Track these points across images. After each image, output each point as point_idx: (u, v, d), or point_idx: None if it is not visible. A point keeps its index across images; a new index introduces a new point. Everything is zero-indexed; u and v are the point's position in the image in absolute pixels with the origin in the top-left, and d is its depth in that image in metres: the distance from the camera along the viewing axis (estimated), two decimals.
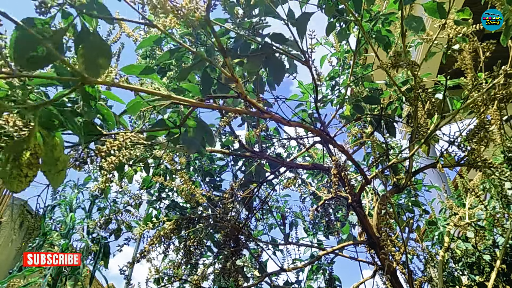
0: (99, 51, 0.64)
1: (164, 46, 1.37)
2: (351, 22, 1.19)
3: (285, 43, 1.04)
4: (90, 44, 0.64)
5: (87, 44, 0.64)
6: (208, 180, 1.99)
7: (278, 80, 1.10)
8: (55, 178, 0.58)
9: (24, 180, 0.50)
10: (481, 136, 1.04)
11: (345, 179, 1.23)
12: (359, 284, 1.45)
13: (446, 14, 0.98)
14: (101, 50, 0.65)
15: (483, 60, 1.16)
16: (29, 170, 0.51)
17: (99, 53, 0.64)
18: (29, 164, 0.51)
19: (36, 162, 0.51)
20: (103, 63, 0.64)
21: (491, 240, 1.74)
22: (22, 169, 0.50)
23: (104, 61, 0.65)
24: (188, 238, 1.76)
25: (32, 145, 0.52)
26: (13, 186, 0.50)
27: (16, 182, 0.50)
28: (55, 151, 0.57)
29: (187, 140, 0.98)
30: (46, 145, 0.56)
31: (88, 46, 0.64)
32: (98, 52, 0.64)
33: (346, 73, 1.59)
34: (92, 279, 2.23)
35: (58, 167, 0.58)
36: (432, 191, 2.32)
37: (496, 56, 1.13)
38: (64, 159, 0.59)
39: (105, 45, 0.65)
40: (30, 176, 0.51)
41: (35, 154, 0.51)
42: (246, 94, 0.89)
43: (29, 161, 0.51)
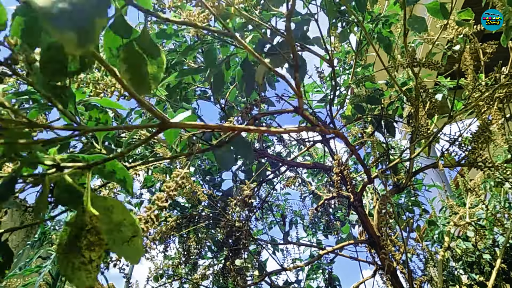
0: (149, 54, 0.45)
1: (166, 44, 1.37)
2: (353, 23, 1.20)
3: (308, 40, 1.00)
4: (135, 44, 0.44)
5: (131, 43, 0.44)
6: (208, 179, 1.99)
7: (301, 80, 1.06)
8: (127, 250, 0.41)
9: (91, 267, 0.36)
10: (485, 137, 1.05)
11: (347, 178, 1.23)
12: (359, 283, 1.46)
13: (448, 15, 0.99)
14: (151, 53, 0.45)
15: (484, 61, 1.16)
16: (92, 252, 0.37)
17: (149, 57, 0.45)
18: (89, 245, 0.36)
19: (97, 239, 0.37)
20: (155, 73, 0.45)
21: (491, 239, 1.75)
22: (83, 255, 0.36)
23: (156, 71, 0.45)
24: (188, 237, 1.76)
25: (88, 219, 0.37)
26: (82, 279, 0.36)
27: (83, 273, 0.36)
28: (113, 215, 0.40)
29: (221, 158, 0.85)
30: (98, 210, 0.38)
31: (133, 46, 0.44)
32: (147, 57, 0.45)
33: (347, 73, 1.60)
34: None
35: (125, 233, 0.41)
36: (433, 190, 2.33)
37: (497, 57, 1.13)
38: (131, 221, 0.41)
39: (156, 48, 0.45)
40: (96, 259, 0.36)
41: (93, 229, 0.37)
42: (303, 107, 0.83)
43: (88, 241, 0.36)
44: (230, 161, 0.85)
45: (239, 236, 1.49)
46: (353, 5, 1.07)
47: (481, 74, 1.20)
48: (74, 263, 0.36)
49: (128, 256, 0.41)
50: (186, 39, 1.24)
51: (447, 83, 1.46)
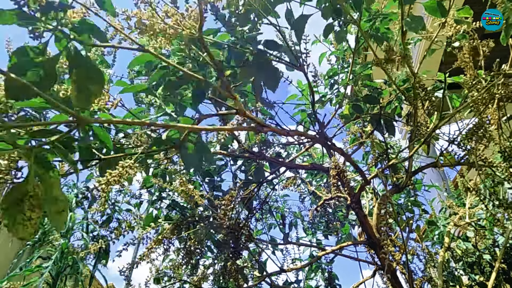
0: (91, 77, 0.62)
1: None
2: (349, 23, 1.19)
3: (278, 49, 1.04)
4: (82, 70, 0.62)
5: (79, 69, 0.61)
6: (207, 181, 1.98)
7: (273, 88, 1.10)
8: (57, 219, 0.55)
9: (29, 224, 0.49)
10: (480, 135, 1.04)
11: (344, 180, 1.23)
12: (359, 284, 1.45)
13: (446, 13, 0.98)
14: (93, 76, 0.62)
15: (483, 59, 1.16)
16: (32, 212, 0.49)
17: (91, 79, 0.61)
18: (31, 207, 0.49)
19: (38, 203, 0.49)
20: (95, 89, 0.62)
21: (491, 239, 1.74)
22: (25, 213, 0.49)
23: (96, 88, 0.62)
24: (188, 239, 1.75)
25: (31, 187, 0.50)
26: (19, 232, 0.48)
27: (21, 227, 0.48)
28: (54, 190, 0.55)
29: (186, 158, 0.96)
30: (44, 184, 0.53)
31: (80, 72, 0.61)
32: (90, 78, 0.61)
33: (345, 72, 1.59)
34: (92, 279, 2.23)
35: (59, 206, 0.55)
36: (432, 190, 2.32)
37: (496, 55, 1.13)
38: (64, 198, 0.56)
39: (98, 71, 0.62)
40: (35, 218, 0.49)
41: (36, 195, 0.49)
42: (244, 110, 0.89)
43: (30, 203, 0.49)
44: (193, 162, 0.96)
45: (239, 236, 1.48)
46: (350, 4, 1.06)
47: (480, 71, 1.19)
48: (16, 218, 0.48)
49: (58, 224, 0.56)
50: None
51: (446, 80, 1.45)
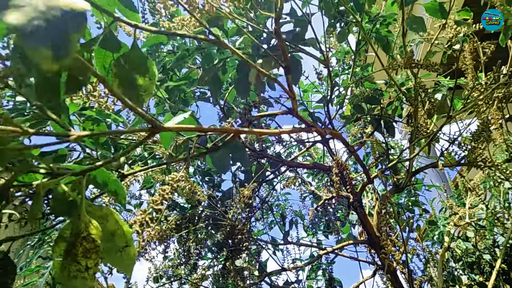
0: (139, 68, 0.46)
1: (165, 45, 1.37)
2: (351, 23, 1.19)
3: (304, 41, 0.99)
4: (126, 58, 0.46)
5: (122, 58, 0.46)
6: (207, 180, 1.99)
7: (296, 80, 1.05)
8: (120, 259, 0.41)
9: (87, 275, 0.36)
10: (485, 136, 1.05)
11: (347, 178, 1.23)
12: (359, 283, 1.46)
13: (447, 14, 0.98)
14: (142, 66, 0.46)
15: (484, 60, 1.16)
16: (88, 259, 0.37)
17: (139, 71, 0.46)
18: (85, 253, 0.37)
19: (93, 246, 0.37)
20: (146, 85, 0.46)
21: (491, 239, 1.75)
22: (80, 262, 0.37)
23: (147, 83, 0.46)
24: (188, 238, 1.76)
25: (83, 225, 0.37)
26: (78, 286, 0.37)
27: (79, 280, 0.36)
28: (108, 224, 0.41)
29: (217, 162, 0.85)
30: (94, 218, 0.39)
31: (124, 61, 0.46)
32: (138, 70, 0.46)
33: (346, 73, 1.59)
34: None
35: (117, 243, 0.41)
36: (432, 190, 2.32)
37: (496, 56, 1.13)
38: (124, 231, 0.42)
39: (146, 60, 0.47)
40: (92, 266, 0.37)
41: (89, 236, 0.37)
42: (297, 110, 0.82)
43: (84, 248, 0.37)
44: (227, 165, 0.86)
45: (239, 236, 1.48)
46: (351, 6, 1.06)
47: (481, 74, 1.20)
48: (70, 270, 0.36)
49: (121, 265, 0.42)
50: (186, 41, 1.24)
51: (446, 83, 1.46)
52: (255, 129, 0.76)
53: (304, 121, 0.88)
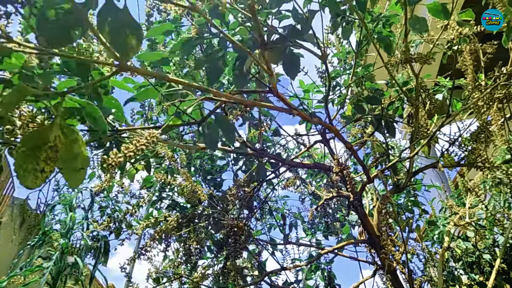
0: (129, 29, 0.54)
1: (168, 44, 1.37)
2: (354, 22, 1.20)
3: (302, 36, 1.00)
4: (118, 22, 0.53)
5: (114, 21, 0.53)
6: (208, 179, 1.99)
7: (293, 75, 1.06)
8: (74, 177, 0.51)
9: (40, 176, 0.45)
10: (484, 137, 1.05)
11: (347, 177, 1.23)
12: (359, 283, 1.46)
13: (449, 15, 0.99)
14: (131, 28, 0.54)
15: (484, 61, 1.17)
16: (46, 164, 0.45)
17: (129, 32, 0.54)
18: (47, 158, 0.45)
19: (54, 156, 0.45)
20: (133, 44, 0.54)
21: (491, 239, 1.75)
22: (38, 163, 0.45)
23: (135, 42, 0.54)
24: (188, 238, 1.76)
25: (53, 137, 0.46)
26: (27, 181, 0.45)
27: (31, 177, 0.45)
28: (75, 146, 0.50)
29: (207, 136, 0.91)
30: (65, 138, 0.48)
31: (116, 23, 0.53)
32: (128, 31, 0.54)
33: (347, 73, 1.60)
34: (92, 278, 2.23)
35: (78, 164, 0.50)
36: (432, 190, 2.33)
37: (497, 57, 1.13)
38: (85, 156, 0.51)
39: (135, 23, 0.55)
40: (47, 171, 0.45)
41: (55, 147, 0.46)
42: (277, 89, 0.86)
43: (47, 154, 0.45)
44: (215, 140, 0.92)
45: (239, 236, 1.49)
46: (354, 5, 1.07)
47: (481, 74, 1.20)
48: (28, 166, 0.45)
49: (73, 182, 0.52)
50: (188, 38, 1.24)
51: (447, 83, 1.46)
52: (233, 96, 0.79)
53: (285, 102, 0.90)
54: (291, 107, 0.91)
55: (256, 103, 0.97)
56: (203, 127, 0.91)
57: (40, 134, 0.46)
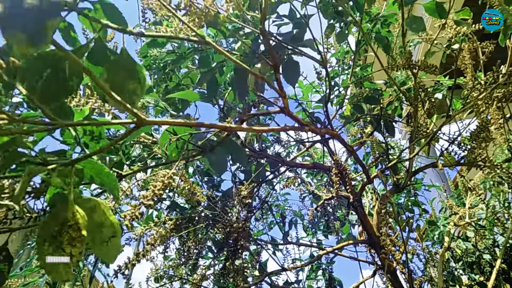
0: (129, 74, 0.48)
1: (161, 58, 1.37)
2: (350, 24, 1.19)
3: (301, 43, 0.99)
4: (115, 65, 0.48)
5: (112, 66, 0.48)
6: (207, 180, 1.99)
7: (294, 82, 1.05)
8: (106, 249, 0.43)
9: (71, 263, 0.38)
10: (483, 136, 1.05)
11: (347, 178, 1.23)
12: (359, 283, 1.46)
13: (446, 14, 0.98)
14: (131, 73, 0.48)
15: (483, 60, 1.16)
16: (73, 248, 0.38)
17: (130, 77, 0.48)
18: (70, 241, 0.38)
19: (79, 235, 0.38)
20: (136, 89, 0.49)
21: (491, 239, 1.75)
22: (64, 249, 0.38)
23: (137, 87, 0.49)
24: (188, 238, 1.76)
25: (70, 214, 0.39)
26: (61, 273, 0.38)
27: (62, 267, 0.38)
28: (95, 215, 0.42)
29: (215, 163, 0.86)
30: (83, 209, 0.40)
31: (113, 67, 0.48)
32: (128, 76, 0.48)
33: (346, 73, 1.60)
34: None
35: (105, 234, 0.43)
36: (432, 190, 2.32)
37: (495, 56, 1.13)
38: (112, 222, 0.43)
39: (134, 65, 0.49)
40: (76, 254, 0.38)
41: (75, 225, 0.38)
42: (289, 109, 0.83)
43: (70, 236, 0.38)
44: (224, 165, 0.86)
45: (238, 236, 1.49)
46: (351, 5, 1.06)
47: (480, 73, 1.20)
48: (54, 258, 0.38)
49: (106, 256, 0.44)
50: (183, 42, 1.24)
51: (446, 82, 1.46)
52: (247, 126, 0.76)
53: (297, 120, 0.89)
54: (303, 124, 0.89)
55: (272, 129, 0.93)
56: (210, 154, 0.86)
57: (54, 217, 0.39)
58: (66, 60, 0.43)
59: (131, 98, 0.49)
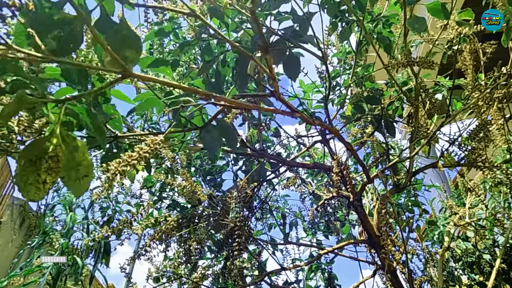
0: (127, 41, 0.54)
1: (167, 45, 1.37)
2: (353, 22, 1.20)
3: (302, 38, 1.00)
4: (115, 34, 0.54)
5: (111, 34, 0.54)
6: (208, 179, 1.99)
7: (294, 76, 1.06)
8: (77, 186, 0.49)
9: (42, 188, 0.43)
10: (483, 136, 1.05)
11: (347, 177, 1.23)
12: (359, 283, 1.46)
13: (449, 15, 0.99)
14: (129, 40, 0.54)
15: (484, 61, 1.17)
16: (48, 175, 0.43)
17: (127, 44, 0.54)
18: (48, 169, 0.43)
19: (56, 166, 0.44)
20: (131, 56, 0.54)
21: (491, 239, 1.75)
22: (40, 175, 0.43)
23: (133, 54, 0.54)
24: (188, 238, 1.76)
25: (53, 146, 0.44)
26: (30, 194, 0.43)
27: (33, 189, 0.43)
28: (77, 154, 0.48)
29: (208, 142, 0.89)
30: (66, 146, 0.46)
31: (113, 36, 0.54)
32: (126, 43, 0.54)
33: (347, 73, 1.60)
34: (92, 278, 2.23)
35: (80, 172, 0.49)
36: (432, 190, 2.33)
37: (496, 57, 1.13)
38: (88, 164, 0.49)
39: (133, 35, 0.55)
40: (49, 182, 0.43)
41: (56, 157, 0.44)
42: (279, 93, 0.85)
43: (48, 165, 0.43)
44: (216, 145, 0.90)
45: (238, 236, 1.49)
46: (353, 5, 1.07)
47: (481, 74, 1.20)
48: (29, 178, 0.43)
49: (76, 190, 0.50)
50: (186, 40, 1.24)
51: (447, 83, 1.46)
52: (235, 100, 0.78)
53: (287, 105, 0.90)
54: (293, 109, 0.91)
55: (259, 107, 0.96)
56: (203, 132, 0.89)
57: (39, 144, 0.44)
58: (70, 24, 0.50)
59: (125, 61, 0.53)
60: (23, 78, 0.49)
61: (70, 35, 0.51)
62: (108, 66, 0.54)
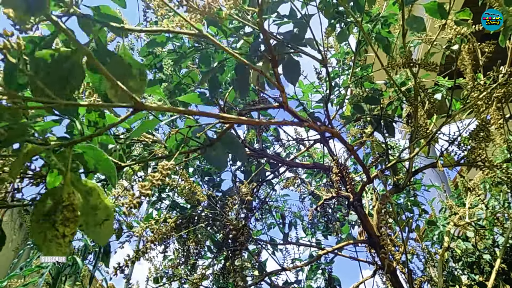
0: (129, 71, 0.50)
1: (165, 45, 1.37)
2: (351, 24, 1.19)
3: (302, 42, 0.99)
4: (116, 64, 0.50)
5: (111, 64, 0.50)
6: (207, 180, 1.99)
7: (295, 81, 1.05)
8: (98, 232, 0.44)
9: (63, 242, 0.39)
10: (483, 136, 1.05)
11: (347, 178, 1.23)
12: (359, 283, 1.46)
13: (447, 15, 0.99)
14: (133, 71, 0.51)
15: (482, 61, 1.16)
16: (66, 228, 0.40)
17: (130, 75, 0.50)
18: (64, 221, 0.40)
19: (73, 216, 0.40)
20: (136, 86, 0.50)
21: (491, 239, 1.75)
22: (57, 229, 0.39)
23: (136, 83, 0.50)
24: (188, 238, 1.76)
25: (66, 195, 0.40)
26: (52, 251, 0.39)
27: (54, 245, 0.39)
28: (91, 198, 0.44)
29: (214, 159, 0.84)
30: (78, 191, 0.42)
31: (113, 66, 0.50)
32: (129, 74, 0.50)
33: (346, 74, 1.60)
34: (92, 279, 2.23)
35: (99, 216, 0.44)
36: (432, 190, 2.32)
37: (495, 57, 1.13)
38: (106, 206, 0.45)
39: (137, 65, 0.51)
40: (69, 235, 0.40)
41: (70, 206, 0.40)
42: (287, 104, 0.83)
43: (63, 216, 0.40)
44: (223, 161, 0.85)
45: (238, 236, 1.49)
46: (351, 6, 1.07)
47: (480, 74, 1.20)
48: (46, 234, 0.39)
49: (99, 238, 0.45)
50: (184, 41, 1.24)
51: (446, 83, 1.46)
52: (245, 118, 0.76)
53: (295, 115, 0.89)
54: (302, 119, 0.89)
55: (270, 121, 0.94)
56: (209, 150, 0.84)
57: (50, 195, 0.41)
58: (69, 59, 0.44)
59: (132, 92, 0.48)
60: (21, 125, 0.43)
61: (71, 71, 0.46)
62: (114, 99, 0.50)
